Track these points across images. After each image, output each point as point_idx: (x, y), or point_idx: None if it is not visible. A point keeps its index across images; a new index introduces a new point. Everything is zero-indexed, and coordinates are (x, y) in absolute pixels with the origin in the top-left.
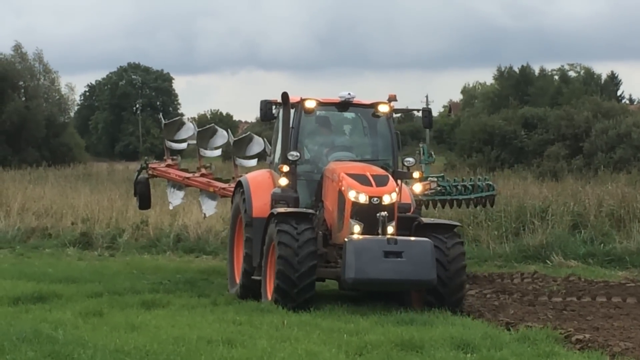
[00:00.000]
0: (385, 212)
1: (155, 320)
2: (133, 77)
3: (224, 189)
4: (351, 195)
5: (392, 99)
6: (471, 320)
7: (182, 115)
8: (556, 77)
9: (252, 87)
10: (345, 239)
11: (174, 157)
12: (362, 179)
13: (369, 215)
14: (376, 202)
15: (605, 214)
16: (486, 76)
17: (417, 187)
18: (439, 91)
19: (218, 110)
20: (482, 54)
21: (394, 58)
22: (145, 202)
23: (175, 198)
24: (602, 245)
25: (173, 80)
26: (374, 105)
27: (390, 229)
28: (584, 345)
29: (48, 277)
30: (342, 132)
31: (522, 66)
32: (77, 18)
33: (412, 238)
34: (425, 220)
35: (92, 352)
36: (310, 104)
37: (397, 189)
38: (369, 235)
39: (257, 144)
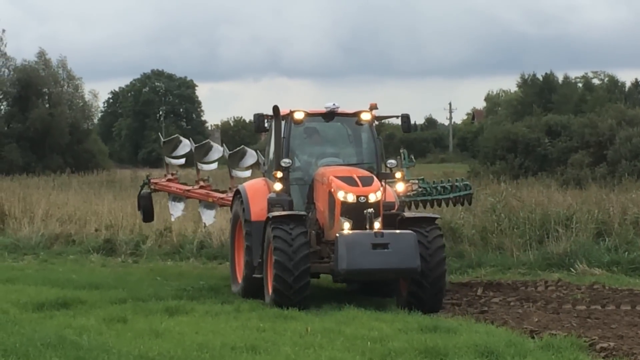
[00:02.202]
0: (372, 209)
1: (179, 326)
2: (156, 84)
3: (222, 198)
4: (340, 195)
5: (373, 107)
6: (495, 327)
7: (205, 122)
8: (580, 85)
9: (274, 94)
10: (337, 234)
11: (174, 172)
12: (349, 181)
13: (357, 213)
14: (363, 201)
15: (630, 222)
16: (509, 84)
17: (400, 187)
18: (462, 98)
19: (241, 117)
20: (505, 61)
21: (417, 66)
22: (148, 216)
23: (176, 210)
24: (626, 253)
25: (196, 87)
26: (357, 114)
27: (377, 225)
28: (609, 353)
29: (72, 283)
30: (329, 140)
31: (546, 74)
32: (100, 25)
33: (397, 231)
34: (407, 214)
35: (117, 358)
36: (298, 115)
37: (381, 188)
38: (358, 230)
39: (251, 156)
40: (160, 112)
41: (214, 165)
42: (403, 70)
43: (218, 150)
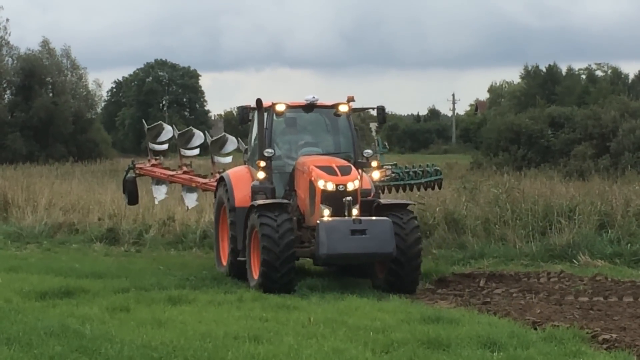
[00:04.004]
0: (350, 197)
1: (181, 316)
2: (160, 73)
3: (205, 183)
4: (320, 184)
5: (350, 99)
6: (498, 319)
7: (208, 112)
8: (583, 77)
9: (277, 84)
10: (318, 221)
11: (157, 157)
12: (329, 170)
13: (336, 200)
14: (342, 189)
15: (633, 214)
16: (513, 75)
17: (376, 175)
18: (465, 90)
19: None
20: (508, 52)
21: (420, 56)
22: (133, 199)
23: (160, 193)
24: (629, 245)
25: (200, 77)
26: (335, 106)
27: (355, 211)
28: (611, 345)
29: (75, 272)
30: (309, 130)
31: (549, 65)
32: (103, 14)
33: (374, 218)
34: (383, 201)
35: (120, 347)
36: (280, 107)
37: (359, 177)
38: (338, 217)
39: (232, 143)
40: (164, 102)
41: (196, 151)
42: (406, 61)
43: (200, 137)
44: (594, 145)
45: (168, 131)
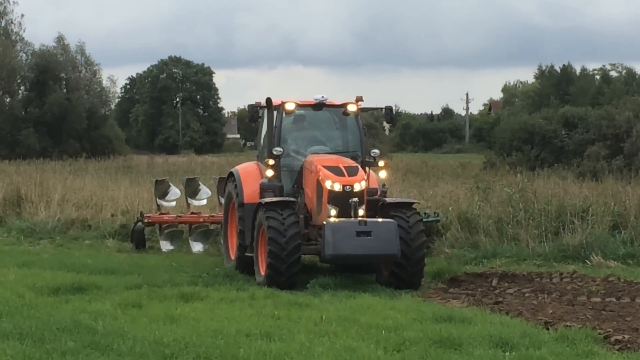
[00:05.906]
0: (357, 198)
1: (194, 312)
2: (174, 70)
3: (211, 216)
4: (327, 184)
5: (359, 99)
6: (510, 318)
7: (222, 109)
8: (597, 77)
9: (290, 82)
10: (324, 222)
11: (164, 212)
12: (336, 170)
13: (342, 201)
14: (348, 190)
15: None
16: (527, 75)
17: (383, 174)
18: (479, 89)
19: None
20: (521, 52)
21: (434, 56)
22: (141, 245)
23: (166, 247)
24: None
25: (214, 75)
26: (343, 105)
27: (361, 212)
28: (623, 345)
29: (87, 268)
30: (317, 129)
31: (564, 65)
32: (117, 11)
33: (380, 220)
34: (388, 200)
35: (132, 343)
36: (289, 106)
37: (365, 177)
38: (344, 218)
39: (204, 193)
40: (177, 99)
41: (204, 202)
42: (419, 60)
43: (206, 192)
44: (607, 145)
45: (175, 193)
